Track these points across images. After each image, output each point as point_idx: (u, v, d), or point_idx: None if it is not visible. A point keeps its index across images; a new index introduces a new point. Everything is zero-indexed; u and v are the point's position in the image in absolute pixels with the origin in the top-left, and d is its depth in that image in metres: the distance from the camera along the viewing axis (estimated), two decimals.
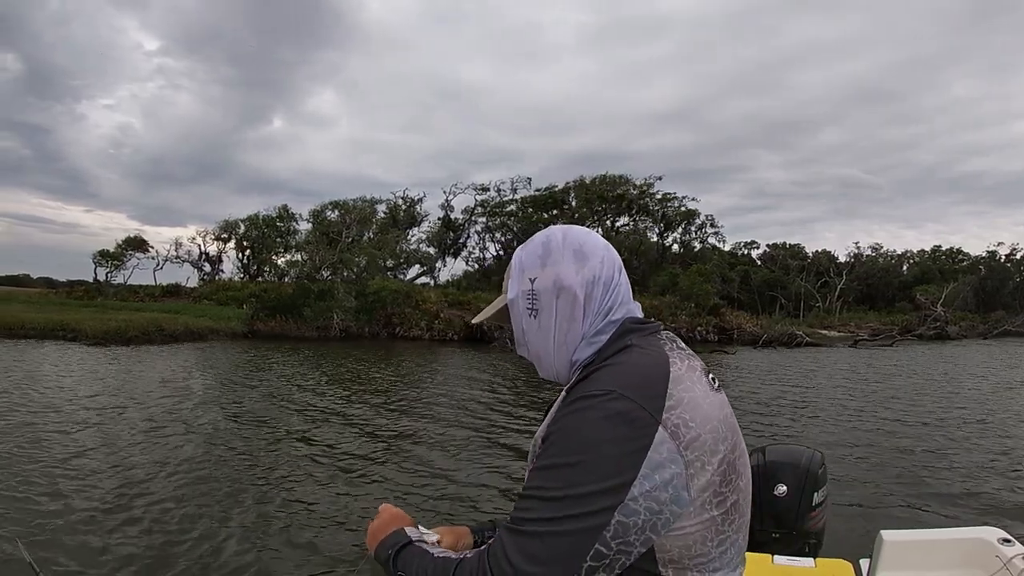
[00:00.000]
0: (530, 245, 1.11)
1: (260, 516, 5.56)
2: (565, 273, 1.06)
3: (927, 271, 55.54)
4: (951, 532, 2.71)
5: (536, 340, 1.08)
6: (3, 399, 10.58)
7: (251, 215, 42.88)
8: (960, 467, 7.67)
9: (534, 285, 1.07)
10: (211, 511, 5.61)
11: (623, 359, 0.96)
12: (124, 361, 17.35)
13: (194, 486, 6.30)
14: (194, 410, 10.28)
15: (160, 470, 6.79)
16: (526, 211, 47.49)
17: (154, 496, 5.94)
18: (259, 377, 14.94)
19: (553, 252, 1.08)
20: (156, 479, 6.48)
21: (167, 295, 37.13)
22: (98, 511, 5.48)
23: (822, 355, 26.78)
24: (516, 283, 1.09)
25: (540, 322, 1.07)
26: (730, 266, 49.53)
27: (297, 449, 8.01)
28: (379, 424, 9.75)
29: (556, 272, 1.06)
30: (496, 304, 1.16)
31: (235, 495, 6.08)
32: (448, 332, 30.16)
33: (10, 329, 23.62)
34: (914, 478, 7.20)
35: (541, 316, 1.07)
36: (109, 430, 8.60)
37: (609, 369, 0.94)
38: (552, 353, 1.07)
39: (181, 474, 6.69)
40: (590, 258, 1.05)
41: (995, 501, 6.38)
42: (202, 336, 25.56)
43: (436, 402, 12.05)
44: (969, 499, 6.43)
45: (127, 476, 6.53)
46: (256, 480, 6.62)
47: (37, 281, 72.90)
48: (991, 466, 7.74)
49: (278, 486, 6.43)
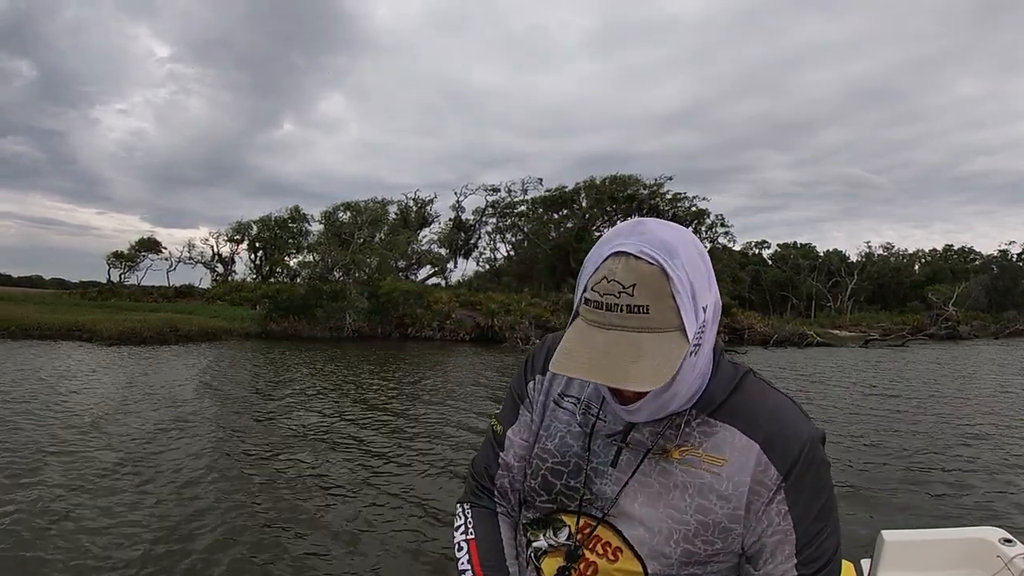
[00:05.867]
0: (688, 260, 0.84)
1: (275, 516, 5.67)
2: (717, 288, 0.91)
3: (938, 271, 55.11)
4: (952, 532, 2.69)
5: (684, 380, 0.89)
6: (40, 400, 10.78)
7: (263, 216, 43.24)
8: (962, 467, 7.68)
9: (706, 315, 0.87)
10: (228, 509, 5.73)
11: (752, 381, 1.02)
12: (141, 361, 17.51)
13: (217, 483, 6.42)
14: (217, 407, 10.43)
15: (186, 467, 6.93)
16: (536, 212, 47.44)
17: (172, 493, 6.07)
18: (276, 376, 15.07)
19: (710, 265, 0.89)
20: (182, 476, 6.61)
21: (180, 296, 37.38)
22: (118, 505, 5.62)
23: (832, 355, 26.63)
24: (691, 319, 0.83)
25: (698, 359, 0.89)
26: (741, 266, 49.31)
27: (317, 447, 8.11)
28: (396, 423, 9.84)
29: (716, 291, 0.90)
30: (664, 362, 0.81)
31: (253, 493, 6.20)
32: (460, 332, 30.21)
33: (26, 330, 23.84)
34: (916, 478, 7.22)
35: (701, 350, 0.89)
36: (135, 427, 8.74)
37: (765, 396, 1.00)
38: (687, 387, 0.92)
39: (206, 471, 6.82)
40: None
41: (996, 501, 6.40)
42: (216, 336, 25.73)
43: (452, 401, 12.12)
44: (970, 499, 6.45)
45: (155, 474, 6.66)
46: (273, 479, 6.74)
47: (50, 282, 73.27)
48: (993, 466, 7.75)
49: (296, 486, 6.55)
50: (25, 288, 53.64)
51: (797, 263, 56.85)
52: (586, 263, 0.88)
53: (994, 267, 54.42)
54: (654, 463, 0.97)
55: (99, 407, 10.33)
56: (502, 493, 1.17)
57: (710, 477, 0.93)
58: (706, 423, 0.96)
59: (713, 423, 0.96)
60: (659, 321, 0.82)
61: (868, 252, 59.27)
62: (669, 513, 0.94)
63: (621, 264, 0.83)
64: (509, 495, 1.17)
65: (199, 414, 10.04)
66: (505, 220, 48.91)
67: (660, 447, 0.97)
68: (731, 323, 34.73)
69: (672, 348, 0.82)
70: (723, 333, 33.14)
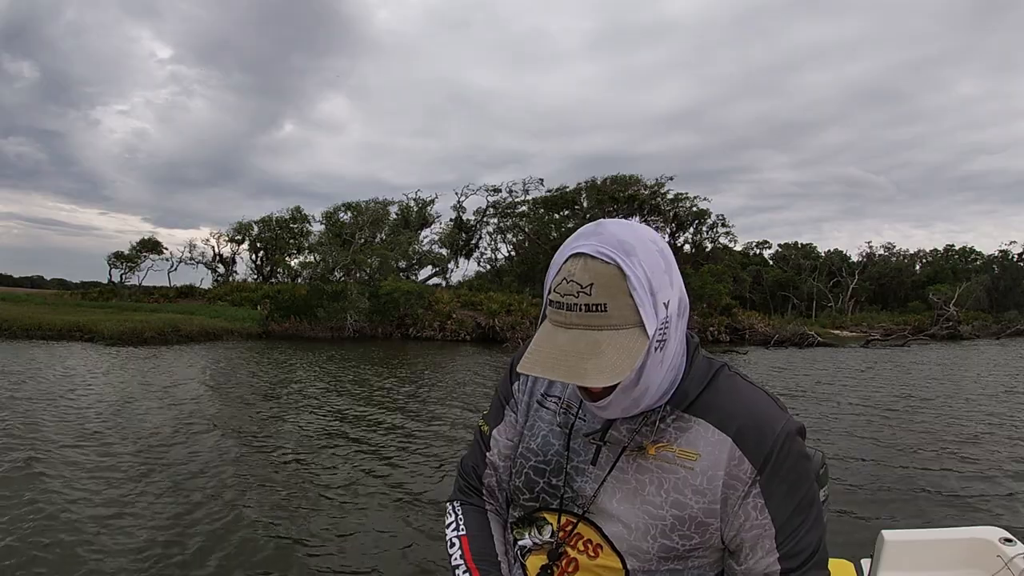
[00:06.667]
0: (645, 258, 0.86)
1: (275, 515, 5.69)
2: (681, 284, 0.93)
3: (940, 271, 54.95)
4: (952, 532, 2.68)
5: (652, 376, 0.91)
6: (41, 399, 10.79)
7: (264, 217, 43.19)
8: (962, 467, 7.68)
9: (668, 311, 0.88)
10: (228, 508, 5.74)
11: (727, 375, 1.01)
12: (143, 361, 17.55)
13: (217, 483, 6.44)
14: (218, 407, 10.45)
15: (187, 466, 6.95)
16: (538, 212, 47.40)
17: (172, 491, 6.09)
18: (277, 377, 15.10)
19: (671, 262, 0.91)
20: (182, 475, 6.63)
21: (181, 296, 37.36)
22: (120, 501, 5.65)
23: (833, 355, 26.61)
24: (651, 315, 0.85)
25: (664, 354, 0.90)
26: (742, 266, 49.23)
27: (317, 447, 8.14)
28: (396, 423, 9.86)
29: (680, 287, 0.92)
30: (622, 358, 0.83)
31: (254, 493, 6.23)
32: (461, 332, 30.26)
33: (28, 330, 23.90)
34: (915, 478, 7.22)
35: (667, 346, 0.90)
36: (135, 426, 8.76)
37: (739, 391, 0.99)
38: (658, 384, 0.93)
39: (214, 466, 6.85)
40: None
41: (996, 501, 6.40)
42: (218, 336, 25.79)
43: (453, 401, 12.13)
44: (971, 499, 6.45)
45: (155, 472, 6.68)
46: (273, 479, 6.77)
47: (50, 282, 73.27)
48: (993, 466, 7.74)
49: (297, 485, 6.57)
50: (26, 288, 53.75)
51: (798, 263, 56.75)
52: (551, 266, 0.90)
53: (995, 267, 54.29)
54: (631, 460, 0.99)
55: (100, 407, 10.35)
56: (490, 492, 1.20)
57: (684, 472, 0.95)
58: (680, 419, 0.97)
59: (687, 418, 0.97)
60: (617, 318, 0.84)
61: (869, 252, 59.12)
62: (646, 509, 0.96)
63: (579, 265, 0.85)
64: (496, 494, 1.20)
65: (200, 414, 10.06)
66: (506, 220, 48.86)
67: (636, 444, 0.98)
68: (732, 323, 34.76)
69: (631, 344, 0.84)
70: (724, 333, 33.24)
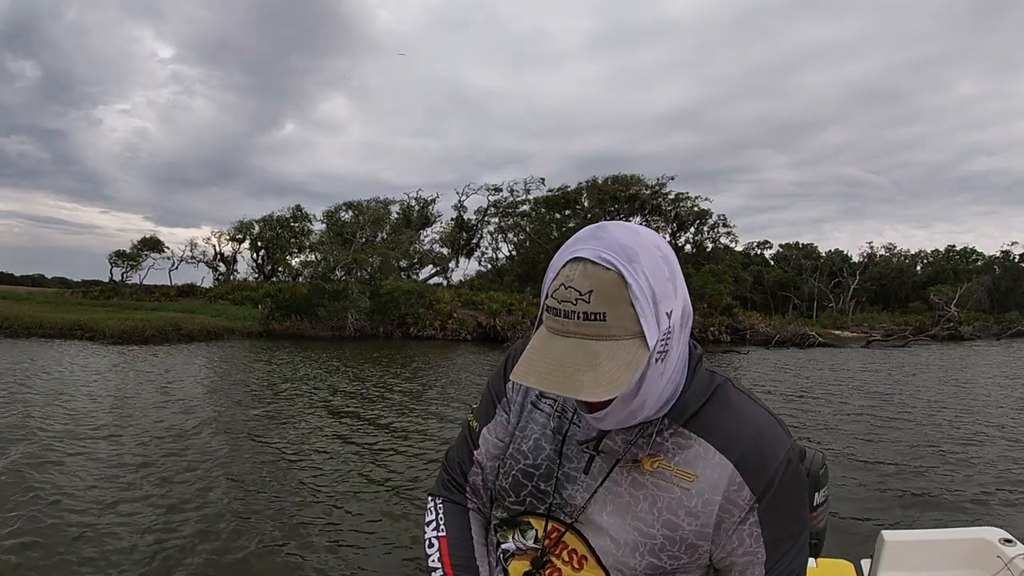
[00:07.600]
0: (649, 265, 0.81)
1: (275, 515, 5.70)
2: (686, 293, 0.88)
3: (941, 271, 54.96)
4: (952, 532, 2.71)
5: (652, 388, 0.86)
6: (42, 398, 10.80)
7: (265, 216, 43.18)
8: (962, 467, 7.68)
9: (671, 321, 0.83)
10: (227, 507, 5.76)
11: (729, 391, 0.97)
12: (144, 360, 17.56)
13: (217, 482, 6.45)
14: (218, 406, 10.45)
15: (186, 464, 6.96)
16: (539, 211, 47.38)
17: (172, 490, 6.11)
18: (278, 376, 15.08)
19: (676, 269, 0.86)
20: (181, 473, 6.64)
21: (182, 295, 37.31)
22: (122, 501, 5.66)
23: (834, 356, 26.61)
24: (653, 325, 0.80)
25: (665, 365, 0.86)
26: (743, 266, 49.21)
27: (318, 446, 8.15)
28: (397, 422, 9.87)
29: (685, 295, 0.87)
30: (621, 371, 0.79)
31: (254, 492, 6.24)
32: (461, 332, 30.29)
33: (29, 328, 23.92)
34: (916, 478, 7.23)
35: (669, 357, 0.86)
36: (136, 425, 8.77)
37: (742, 409, 0.96)
38: (657, 396, 0.89)
39: (214, 466, 6.86)
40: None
41: (997, 501, 6.40)
42: (219, 335, 25.79)
43: (453, 401, 12.14)
44: (970, 499, 6.46)
45: (154, 471, 6.69)
46: (274, 478, 6.78)
47: (51, 281, 73.36)
48: (993, 466, 7.75)
49: (297, 485, 6.58)
50: (28, 287, 53.76)
51: (799, 263, 56.76)
52: (549, 269, 0.86)
53: (996, 268, 54.23)
54: (625, 473, 0.95)
55: (100, 406, 10.37)
56: (474, 490, 1.16)
57: (680, 492, 0.92)
58: (679, 434, 0.94)
59: (687, 435, 0.93)
60: (617, 328, 0.79)
61: (870, 252, 59.09)
62: (636, 526, 0.93)
63: (579, 270, 0.80)
64: (481, 492, 1.16)
65: (200, 412, 10.06)
66: (507, 220, 48.85)
67: (631, 456, 0.95)
68: (733, 323, 34.78)
69: (630, 356, 0.79)
70: (725, 333, 33.23)
